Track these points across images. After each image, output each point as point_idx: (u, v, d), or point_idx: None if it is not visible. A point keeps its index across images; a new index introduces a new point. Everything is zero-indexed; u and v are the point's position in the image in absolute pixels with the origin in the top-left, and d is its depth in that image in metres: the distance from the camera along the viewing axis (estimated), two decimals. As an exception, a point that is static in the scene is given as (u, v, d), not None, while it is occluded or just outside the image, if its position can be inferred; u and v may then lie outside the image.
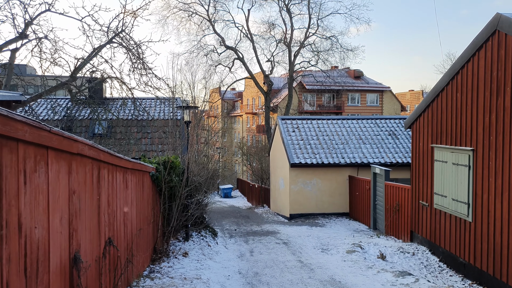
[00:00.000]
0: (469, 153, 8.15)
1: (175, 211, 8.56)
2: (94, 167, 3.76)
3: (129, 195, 5.49)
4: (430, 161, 9.89)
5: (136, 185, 6.09)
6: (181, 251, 8.82)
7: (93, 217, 3.73)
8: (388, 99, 46.88)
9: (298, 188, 16.91)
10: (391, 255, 9.60)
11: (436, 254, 9.59)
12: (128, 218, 5.45)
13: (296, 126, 18.47)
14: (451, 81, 8.88)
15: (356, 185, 16.07)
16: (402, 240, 11.35)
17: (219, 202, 28.42)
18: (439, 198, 9.38)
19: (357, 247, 10.14)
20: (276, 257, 9.44)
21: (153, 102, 20.24)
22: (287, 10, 29.58)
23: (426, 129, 10.08)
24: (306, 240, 11.49)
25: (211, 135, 34.03)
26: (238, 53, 30.58)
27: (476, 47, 7.85)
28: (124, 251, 5.09)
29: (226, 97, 59.70)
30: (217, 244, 10.88)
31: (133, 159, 5.69)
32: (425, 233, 10.16)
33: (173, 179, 8.52)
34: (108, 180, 4.32)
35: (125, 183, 5.24)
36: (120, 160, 4.76)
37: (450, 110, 8.94)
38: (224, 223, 16.33)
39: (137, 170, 6.09)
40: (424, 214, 10.23)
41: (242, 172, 46.24)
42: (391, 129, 18.53)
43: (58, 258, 2.83)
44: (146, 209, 7.12)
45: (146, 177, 7.11)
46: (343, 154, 16.95)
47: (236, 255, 9.80)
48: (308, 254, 9.68)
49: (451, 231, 8.89)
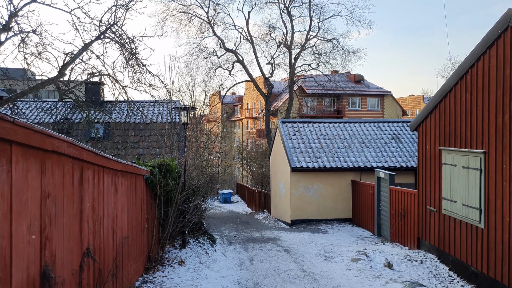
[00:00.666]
0: (480, 156, 7.74)
1: (171, 217, 8.14)
2: (76, 168, 3.35)
3: (119, 199, 5.08)
4: (438, 164, 9.48)
5: (128, 189, 5.68)
6: (177, 259, 8.37)
7: (73, 223, 3.31)
8: (389, 104, 46.53)
9: (300, 193, 16.47)
10: (398, 264, 9.16)
11: (445, 263, 9.15)
12: (117, 225, 5.03)
13: (297, 130, 18.07)
14: (459, 80, 8.49)
15: (359, 190, 15.64)
16: (409, 247, 10.91)
17: (218, 208, 27.96)
18: (448, 203, 8.96)
19: (362, 254, 9.69)
20: (278, 265, 8.99)
21: (150, 105, 19.87)
22: (288, 13, 29.27)
23: (433, 131, 9.68)
24: (309, 247, 11.04)
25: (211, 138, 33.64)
26: (238, 56, 30.24)
27: (487, 44, 7.47)
28: (112, 260, 4.67)
29: (226, 101, 59.46)
30: (215, 251, 10.43)
31: (124, 161, 5.28)
32: (433, 240, 9.72)
33: (169, 183, 8.10)
34: (94, 182, 3.90)
35: (114, 187, 4.83)
36: (108, 161, 4.35)
37: (459, 111, 8.54)
38: (223, 229, 15.87)
39: (129, 172, 5.68)
40: (432, 220, 9.80)
41: (242, 176, 45.79)
42: (394, 132, 18.13)
43: (25, 272, 2.41)
44: (139, 214, 6.69)
45: (140, 181, 6.69)
46: (345, 158, 16.54)
47: (235, 263, 9.35)
48: (311, 262, 9.23)
49: (462, 238, 8.45)
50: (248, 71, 30.39)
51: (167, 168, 7.96)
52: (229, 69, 31.02)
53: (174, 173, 8.52)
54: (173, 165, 8.26)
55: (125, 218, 5.52)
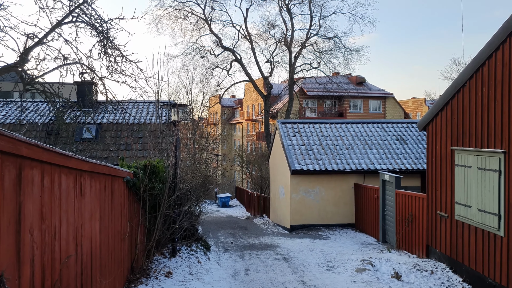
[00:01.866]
0: (499, 156, 6.98)
1: (157, 223, 7.38)
2: (8, 166, 2.61)
3: (86, 205, 4.33)
4: (449, 166, 8.72)
5: (101, 193, 4.93)
6: (165, 270, 7.61)
7: (3, 235, 2.56)
8: (391, 106, 45.79)
9: (300, 197, 15.70)
10: (407, 274, 8.38)
11: (458, 273, 8.37)
12: (85, 235, 4.28)
13: (297, 130, 17.32)
14: (475, 73, 7.74)
15: (362, 193, 14.87)
16: (417, 256, 10.13)
17: (216, 212, 27.19)
18: (462, 208, 8.19)
19: (368, 264, 8.92)
20: (275, 276, 8.22)
21: (145, 106, 19.17)
22: (288, 10, 28.44)
23: (444, 130, 8.93)
24: (309, 256, 10.26)
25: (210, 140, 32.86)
26: (236, 55, 29.44)
27: (507, 32, 6.74)
28: (74, 278, 3.91)
29: (226, 104, 58.79)
30: (208, 260, 9.66)
31: (94, 161, 4.53)
32: (444, 248, 8.95)
33: (155, 186, 7.35)
34: (43, 184, 3.16)
35: (79, 190, 4.08)
36: (67, 159, 3.61)
37: (474, 107, 7.79)
38: (220, 234, 15.09)
39: (102, 174, 4.93)
40: (442, 226, 9.03)
41: (242, 180, 45.02)
42: (399, 133, 17.37)
43: None
44: (119, 221, 5.94)
45: (119, 184, 5.95)
46: (348, 160, 15.77)
47: (229, 273, 8.58)
48: (311, 273, 8.45)
49: (477, 247, 7.68)
50: (246, 70, 29.61)
51: (152, 170, 7.21)
52: (227, 68, 30.26)
53: (162, 175, 7.78)
54: (160, 166, 7.52)
55: (97, 227, 4.77)
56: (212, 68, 29.88)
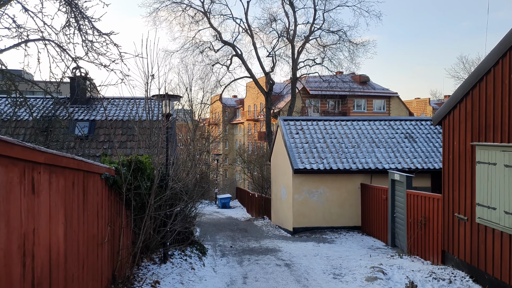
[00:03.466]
0: (531, 151, 6.14)
1: (143, 226, 6.57)
2: None
3: (42, 205, 3.52)
4: (469, 163, 7.87)
5: (66, 191, 4.12)
6: (152, 278, 6.79)
7: None
8: (396, 106, 44.89)
9: (303, 198, 14.85)
10: (422, 283, 7.53)
11: (480, 282, 7.51)
12: (40, 242, 3.47)
13: (300, 128, 16.47)
14: (501, 59, 6.90)
15: (369, 194, 14.01)
16: (431, 262, 9.27)
17: (216, 213, 26.39)
18: (484, 210, 7.34)
19: (378, 271, 8.07)
20: (276, 285, 7.38)
21: (141, 102, 18.40)
22: (290, 4, 27.41)
23: (463, 124, 8.08)
24: (313, 261, 9.42)
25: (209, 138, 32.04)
26: (236, 49, 28.51)
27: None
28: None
29: (227, 104, 58.01)
30: (203, 266, 8.84)
31: (54, 151, 3.72)
32: (463, 255, 8.09)
33: (141, 185, 6.54)
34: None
35: (30, 186, 3.27)
36: (8, 146, 2.80)
37: (499, 96, 6.94)
38: (218, 237, 14.27)
39: (68, 168, 4.12)
40: (461, 230, 8.17)
41: (243, 180, 44.18)
42: (407, 131, 16.50)
43: None
44: (94, 224, 5.13)
45: (94, 181, 5.14)
46: (354, 159, 14.91)
47: (225, 282, 7.74)
48: (316, 282, 7.61)
49: (503, 254, 6.82)
50: (247, 66, 28.66)
51: (138, 166, 6.40)
52: (227, 64, 29.35)
53: (150, 172, 6.96)
54: (146, 162, 6.70)
55: (60, 231, 3.96)
56: (211, 64, 29.03)
